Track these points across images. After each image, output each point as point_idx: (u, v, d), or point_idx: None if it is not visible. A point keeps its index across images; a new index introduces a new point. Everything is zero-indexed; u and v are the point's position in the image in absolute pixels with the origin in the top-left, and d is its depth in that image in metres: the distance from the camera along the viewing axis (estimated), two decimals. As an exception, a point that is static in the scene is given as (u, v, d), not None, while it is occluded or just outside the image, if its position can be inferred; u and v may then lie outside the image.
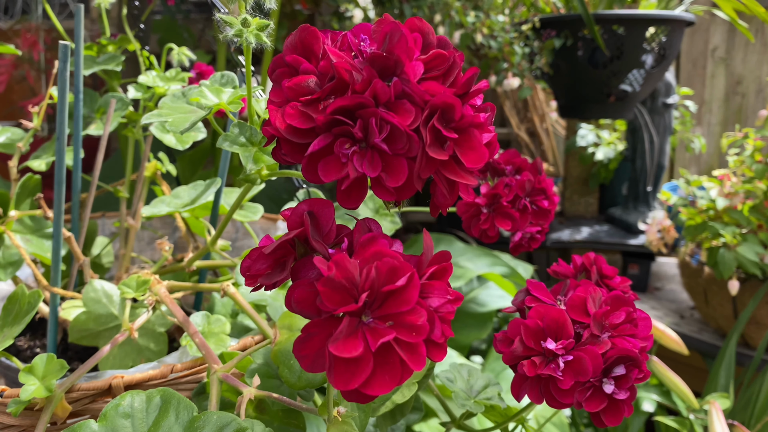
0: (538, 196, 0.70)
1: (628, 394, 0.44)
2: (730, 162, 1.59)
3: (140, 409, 0.39)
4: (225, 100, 0.48)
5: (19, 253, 0.67)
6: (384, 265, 0.29)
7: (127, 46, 0.89)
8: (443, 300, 0.31)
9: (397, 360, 0.29)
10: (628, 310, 0.46)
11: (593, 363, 0.43)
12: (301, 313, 0.30)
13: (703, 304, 1.68)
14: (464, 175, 0.33)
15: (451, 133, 0.32)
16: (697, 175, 1.79)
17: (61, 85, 0.59)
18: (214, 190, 0.67)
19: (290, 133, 0.32)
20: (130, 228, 0.77)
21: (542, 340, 0.44)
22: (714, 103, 2.50)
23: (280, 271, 0.33)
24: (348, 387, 0.28)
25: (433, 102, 0.31)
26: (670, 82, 1.94)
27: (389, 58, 0.31)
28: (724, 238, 1.50)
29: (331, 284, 0.29)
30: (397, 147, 0.31)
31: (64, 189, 0.62)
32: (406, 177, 0.32)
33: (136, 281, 0.53)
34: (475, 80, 0.35)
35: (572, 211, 2.23)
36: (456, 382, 0.57)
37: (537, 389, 0.44)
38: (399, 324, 0.29)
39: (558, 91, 1.82)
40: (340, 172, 0.31)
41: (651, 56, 1.65)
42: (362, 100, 0.31)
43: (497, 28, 1.61)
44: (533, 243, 0.72)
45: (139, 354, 0.59)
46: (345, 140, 0.32)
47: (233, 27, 0.42)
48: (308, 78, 0.33)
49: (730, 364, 1.49)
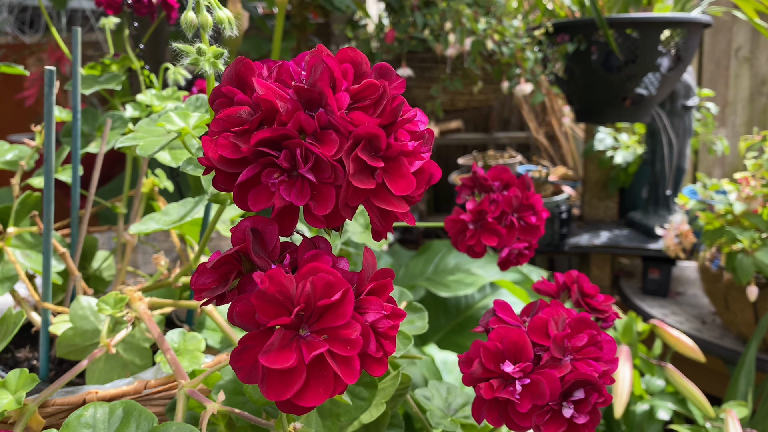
0: (526, 212, 0.69)
1: (588, 418, 0.44)
2: (749, 165, 1.57)
3: (102, 420, 0.41)
4: (191, 125, 0.50)
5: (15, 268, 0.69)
6: (319, 281, 0.30)
7: (130, 65, 0.91)
8: (379, 315, 0.32)
9: (330, 372, 0.30)
10: (592, 332, 0.46)
11: (551, 386, 0.43)
12: (242, 326, 0.31)
13: (724, 309, 1.66)
14: (394, 202, 0.33)
15: (377, 162, 0.32)
16: (721, 177, 1.77)
17: (48, 108, 0.61)
18: (203, 207, 0.69)
19: (222, 164, 0.33)
20: (127, 243, 0.79)
21: (501, 362, 0.44)
22: (738, 104, 2.46)
23: (224, 285, 0.34)
24: (281, 398, 0.29)
25: (357, 132, 0.32)
26: (690, 84, 1.91)
27: (312, 90, 0.32)
28: (742, 243, 1.48)
29: (265, 297, 0.30)
30: (323, 176, 0.32)
31: (53, 207, 0.64)
32: (333, 205, 0.32)
33: (114, 298, 0.55)
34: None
35: (591, 215, 2.22)
36: (433, 400, 0.58)
37: (496, 412, 0.44)
38: (333, 338, 0.30)
39: (572, 96, 1.81)
40: (269, 201, 0.32)
41: (667, 59, 1.64)
42: (285, 132, 0.31)
43: (509, 34, 1.61)
44: (521, 259, 0.72)
45: (125, 368, 0.60)
46: (273, 170, 0.32)
47: (189, 55, 0.43)
48: (241, 109, 0.34)
49: (750, 371, 1.46)
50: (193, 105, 0.55)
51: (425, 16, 1.64)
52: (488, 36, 1.59)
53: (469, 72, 1.63)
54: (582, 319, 0.47)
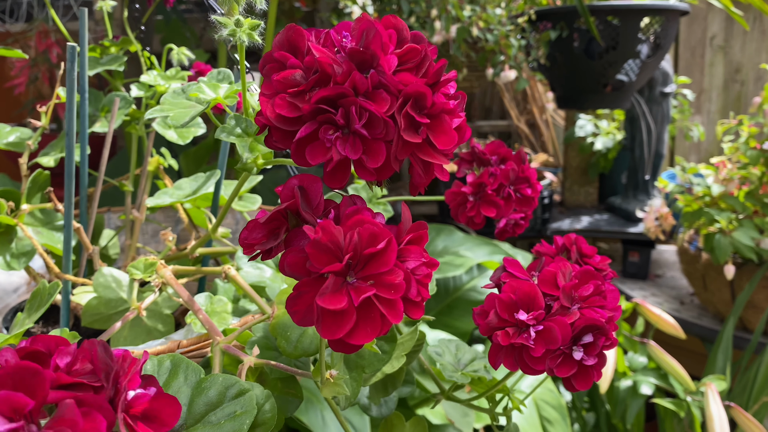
0: (522, 184, 0.74)
1: (596, 360, 0.48)
2: (725, 149, 1.63)
3: (152, 371, 0.44)
4: (221, 95, 0.53)
5: (31, 244, 0.72)
6: (365, 231, 0.34)
7: (129, 47, 0.93)
8: (419, 262, 0.36)
9: (377, 314, 0.34)
10: (597, 283, 0.50)
11: (562, 332, 0.47)
12: (293, 275, 0.35)
13: (702, 289, 1.72)
14: (437, 156, 0.37)
15: (423, 119, 0.36)
16: (696, 163, 1.83)
17: (69, 85, 0.64)
18: (214, 181, 0.72)
19: (280, 122, 0.37)
20: (135, 220, 0.82)
21: (515, 312, 0.48)
22: (713, 92, 2.54)
23: (274, 239, 0.37)
24: (334, 336, 0.33)
25: (407, 91, 0.36)
26: (668, 71, 1.98)
27: (366, 52, 0.36)
28: (720, 223, 1.54)
29: (318, 246, 0.33)
30: (376, 132, 0.36)
31: (74, 181, 0.67)
32: (384, 159, 0.36)
33: (143, 264, 0.58)
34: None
35: (572, 200, 2.28)
36: (444, 356, 0.62)
37: (512, 357, 0.48)
38: (379, 283, 0.34)
39: (555, 83, 1.86)
40: (325, 156, 0.36)
41: (646, 46, 1.69)
42: (342, 90, 0.35)
43: (493, 21, 1.65)
44: (517, 229, 0.76)
45: (149, 335, 0.64)
46: (329, 127, 0.36)
47: (227, 27, 0.46)
48: (295, 72, 0.37)
49: (727, 348, 1.53)
50: (215, 78, 0.58)
51: (411, 3, 1.68)
52: (473, 23, 1.63)
53: (454, 59, 1.68)
54: (587, 272, 0.51)
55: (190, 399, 0.43)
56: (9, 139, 0.86)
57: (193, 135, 0.81)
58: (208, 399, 0.43)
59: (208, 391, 0.43)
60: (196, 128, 0.82)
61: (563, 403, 1.24)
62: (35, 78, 2.04)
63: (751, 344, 1.55)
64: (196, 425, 0.42)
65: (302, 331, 0.49)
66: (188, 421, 0.42)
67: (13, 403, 0.29)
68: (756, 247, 1.50)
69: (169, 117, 0.53)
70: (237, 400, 0.42)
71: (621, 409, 1.45)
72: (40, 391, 0.30)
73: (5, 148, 0.84)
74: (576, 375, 0.48)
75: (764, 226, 1.52)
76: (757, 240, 1.50)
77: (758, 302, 1.59)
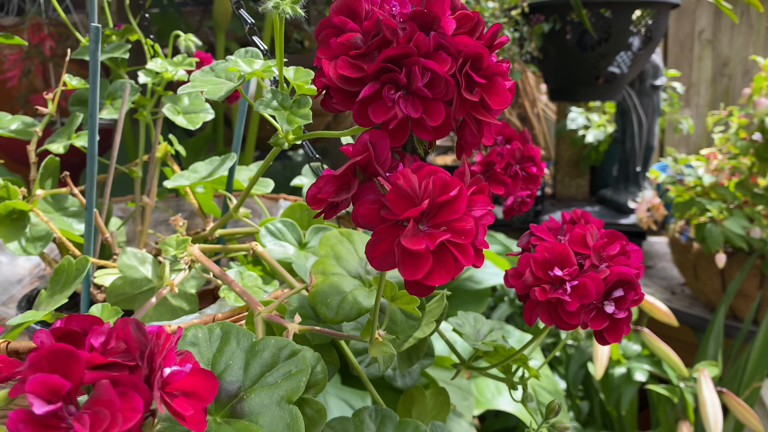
0: (527, 163, 0.77)
1: (626, 314, 0.52)
2: (716, 140, 1.68)
3: (204, 339, 0.46)
4: (258, 68, 0.55)
5: (47, 228, 0.73)
6: (438, 180, 0.37)
7: (131, 35, 0.95)
8: (484, 211, 0.38)
9: (450, 257, 0.36)
10: (622, 243, 0.54)
11: (596, 286, 0.50)
12: (366, 225, 0.37)
13: (693, 279, 1.77)
14: (490, 115, 0.40)
15: (480, 79, 0.39)
16: (686, 155, 1.88)
17: (93, 65, 0.65)
18: (229, 164, 0.74)
19: (342, 82, 0.39)
20: (146, 206, 0.83)
21: (549, 270, 0.52)
22: (702, 85, 2.60)
23: (346, 192, 0.39)
24: (414, 277, 0.36)
25: (466, 52, 0.38)
26: (658, 64, 2.03)
27: (428, 14, 0.39)
28: (711, 213, 1.59)
29: (400, 192, 0.36)
30: (436, 91, 0.38)
31: (96, 165, 0.68)
32: (443, 117, 0.39)
33: (176, 240, 0.60)
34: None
35: (564, 193, 2.32)
36: (464, 327, 0.65)
37: (547, 313, 0.51)
38: (451, 229, 0.37)
39: (548, 75, 1.90)
40: (388, 114, 0.39)
41: (638, 38, 1.74)
42: (407, 50, 0.38)
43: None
44: (523, 206, 0.80)
45: (173, 314, 0.65)
46: (391, 86, 0.39)
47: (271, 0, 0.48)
48: (355, 35, 0.40)
49: (718, 336, 1.58)
50: (242, 57, 0.60)
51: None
52: (465, 14, 1.66)
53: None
54: (612, 233, 0.55)
55: (245, 362, 0.45)
56: (12, 127, 0.87)
57: (203, 120, 0.83)
58: (263, 361, 0.45)
59: (263, 353, 0.45)
60: (205, 113, 0.84)
61: (560, 389, 1.27)
62: (28, 71, 2.04)
63: (742, 332, 1.60)
64: (253, 386, 0.44)
65: (342, 298, 0.52)
66: (245, 383, 0.44)
67: (51, 385, 0.30)
68: (746, 236, 1.55)
69: (206, 92, 0.55)
70: (291, 359, 0.45)
71: (615, 397, 1.48)
72: (76, 372, 0.31)
73: (9, 135, 0.85)
74: (608, 328, 0.51)
75: (754, 216, 1.57)
76: (747, 229, 1.55)
77: (748, 291, 1.64)
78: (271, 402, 0.43)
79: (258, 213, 0.94)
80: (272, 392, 0.43)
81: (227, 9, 1.56)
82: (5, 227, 0.74)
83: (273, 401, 0.43)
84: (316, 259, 0.64)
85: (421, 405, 0.64)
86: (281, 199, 0.96)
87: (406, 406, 0.64)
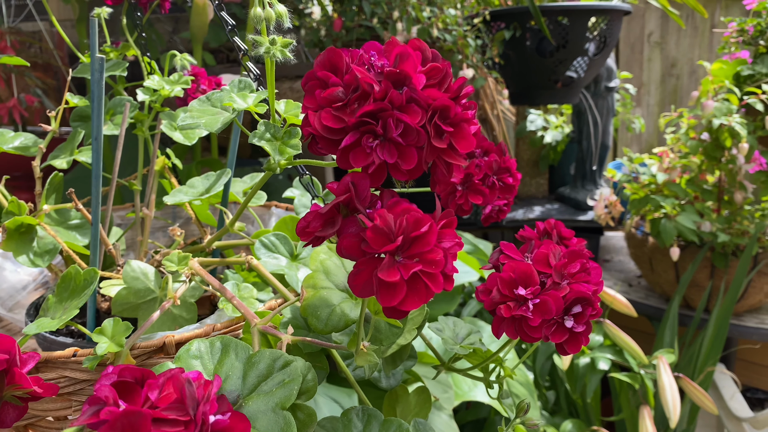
0: (504, 174, 0.81)
1: (584, 328, 0.55)
2: (668, 140, 1.73)
3: (206, 352, 0.50)
4: (251, 104, 0.58)
5: (54, 241, 0.76)
6: (411, 217, 0.40)
7: (128, 52, 0.97)
8: (452, 243, 0.42)
9: (422, 285, 0.40)
10: (583, 261, 0.57)
11: (556, 304, 0.54)
12: (348, 256, 0.41)
13: (649, 271, 1.83)
14: (458, 158, 0.44)
15: (448, 128, 0.43)
16: (638, 153, 1.93)
17: (98, 92, 0.68)
18: (225, 180, 0.77)
19: (326, 132, 0.42)
20: (145, 217, 0.86)
21: (515, 288, 0.55)
22: (652, 85, 2.66)
23: (331, 226, 0.43)
24: (390, 304, 0.39)
25: (434, 105, 0.42)
26: (612, 67, 2.08)
27: (400, 73, 0.42)
28: (665, 209, 1.65)
29: (377, 230, 0.40)
30: (409, 139, 0.42)
31: (101, 182, 0.71)
32: (416, 161, 0.42)
33: (177, 256, 0.63)
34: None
35: (524, 192, 2.37)
36: (444, 331, 0.69)
37: (512, 327, 0.55)
38: (423, 260, 0.40)
39: (509, 80, 1.94)
40: (367, 160, 0.42)
41: (593, 44, 1.78)
42: (383, 106, 0.41)
43: (452, 22, 1.72)
44: (501, 214, 0.83)
45: (174, 322, 0.69)
46: (369, 136, 0.42)
47: (263, 45, 0.52)
48: (337, 89, 0.43)
49: (673, 325, 1.63)
50: (237, 87, 0.64)
51: (371, 5, 1.74)
52: (433, 24, 1.70)
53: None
54: (574, 251, 0.58)
55: (243, 372, 0.49)
56: (15, 144, 0.89)
57: (198, 136, 0.85)
58: (258, 371, 0.49)
59: (258, 364, 0.49)
60: (201, 130, 0.86)
61: (530, 380, 1.31)
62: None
63: (694, 320, 1.66)
64: (251, 394, 0.48)
65: (330, 310, 0.55)
66: (243, 392, 0.48)
67: None
68: (697, 230, 1.61)
69: (202, 123, 0.58)
70: (284, 370, 0.48)
71: (580, 385, 1.54)
72: (143, 428, 0.35)
73: (12, 152, 0.87)
74: (568, 341, 0.55)
75: (704, 211, 1.63)
76: (698, 223, 1.61)
77: (700, 281, 1.70)
78: (266, 408, 0.46)
79: (250, 219, 0.97)
80: (268, 399, 0.47)
81: (203, 22, 1.58)
82: (14, 241, 0.76)
83: (268, 407, 0.46)
84: (307, 270, 0.68)
85: (404, 403, 0.68)
86: (273, 207, 0.99)
87: (391, 404, 0.67)
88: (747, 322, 1.72)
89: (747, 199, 1.63)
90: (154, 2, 1.00)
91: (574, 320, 0.55)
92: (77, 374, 0.57)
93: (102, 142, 0.70)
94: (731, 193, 1.63)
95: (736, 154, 1.56)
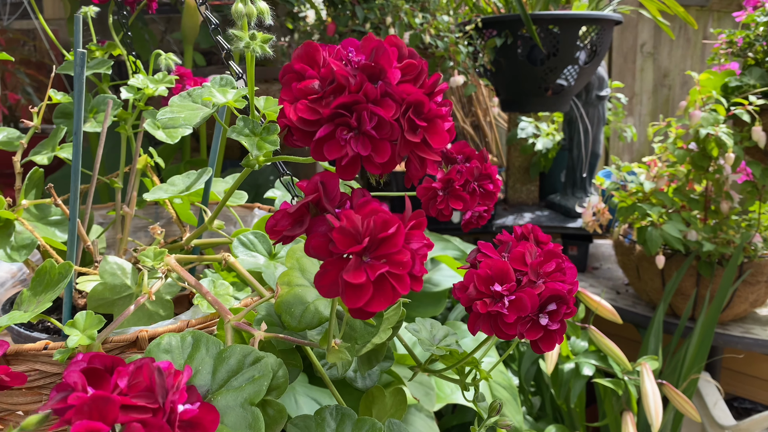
0: (485, 180, 0.81)
1: (559, 326, 0.55)
2: (656, 149, 1.74)
3: (177, 346, 0.49)
4: (231, 99, 0.58)
5: (31, 237, 0.75)
6: (379, 218, 0.40)
7: (114, 51, 0.97)
8: (421, 244, 0.42)
9: (389, 286, 0.40)
10: (558, 261, 0.57)
11: (531, 301, 0.54)
12: (316, 256, 0.41)
13: (636, 279, 1.83)
14: (431, 153, 0.44)
15: (422, 122, 0.43)
16: (629, 162, 1.94)
17: (78, 87, 0.68)
18: (206, 178, 0.77)
19: (301, 123, 0.42)
20: (126, 215, 0.86)
21: (491, 285, 0.55)
22: (644, 95, 2.67)
23: (300, 226, 0.43)
24: (355, 306, 0.39)
25: (409, 99, 0.42)
26: (603, 76, 2.09)
27: (375, 67, 0.42)
28: (651, 217, 1.65)
29: (343, 231, 0.39)
30: (383, 133, 0.42)
31: (79, 178, 0.70)
32: (389, 155, 0.42)
33: (153, 252, 0.62)
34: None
35: (515, 198, 2.38)
36: (421, 333, 0.69)
37: (488, 324, 0.55)
38: (390, 261, 0.40)
39: (499, 87, 1.95)
40: (341, 152, 0.42)
41: (584, 53, 1.79)
42: (357, 98, 0.41)
43: (443, 28, 1.72)
44: (481, 221, 0.83)
45: (150, 318, 0.68)
46: (343, 128, 0.42)
47: (242, 40, 0.51)
48: (313, 81, 0.43)
49: (658, 332, 1.63)
50: (218, 84, 0.63)
51: (365, 10, 1.74)
52: (425, 30, 1.70)
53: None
54: (550, 251, 0.59)
55: (213, 368, 0.48)
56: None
57: (181, 135, 0.85)
58: (229, 367, 0.48)
59: (229, 359, 0.48)
60: (183, 128, 0.86)
61: (514, 384, 1.31)
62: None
63: (679, 328, 1.66)
64: (220, 389, 0.47)
65: (305, 308, 0.55)
66: (213, 387, 0.47)
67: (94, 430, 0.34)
68: (683, 238, 1.61)
69: (181, 117, 0.58)
70: (255, 365, 0.48)
71: (565, 391, 1.53)
72: (111, 414, 0.35)
73: (-5, 147, 0.87)
74: (542, 338, 0.55)
75: (690, 220, 1.64)
76: (684, 232, 1.61)
77: (685, 289, 1.70)
78: (235, 404, 0.46)
79: (233, 220, 0.97)
80: (237, 395, 0.46)
81: (195, 23, 1.57)
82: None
83: (237, 403, 0.46)
84: (284, 268, 0.67)
85: (381, 404, 0.68)
86: (256, 209, 0.99)
87: (367, 404, 0.67)
88: (732, 331, 1.72)
89: (733, 209, 1.63)
90: (142, 2, 1.00)
91: (549, 318, 0.55)
92: (48, 367, 0.57)
93: (81, 137, 0.70)
94: (718, 202, 1.64)
95: (723, 164, 1.57)
